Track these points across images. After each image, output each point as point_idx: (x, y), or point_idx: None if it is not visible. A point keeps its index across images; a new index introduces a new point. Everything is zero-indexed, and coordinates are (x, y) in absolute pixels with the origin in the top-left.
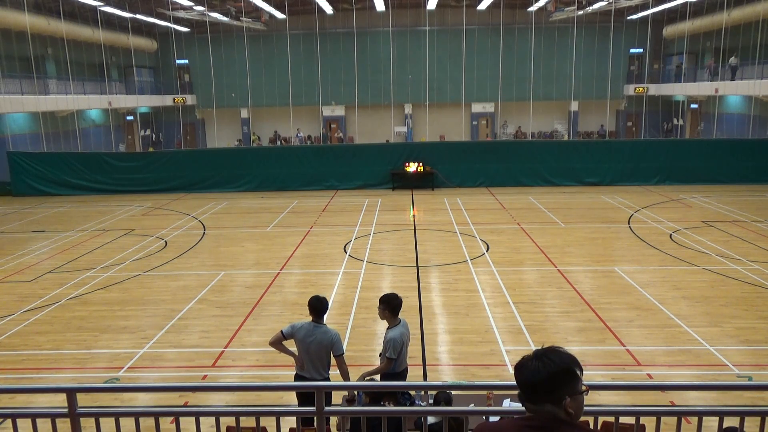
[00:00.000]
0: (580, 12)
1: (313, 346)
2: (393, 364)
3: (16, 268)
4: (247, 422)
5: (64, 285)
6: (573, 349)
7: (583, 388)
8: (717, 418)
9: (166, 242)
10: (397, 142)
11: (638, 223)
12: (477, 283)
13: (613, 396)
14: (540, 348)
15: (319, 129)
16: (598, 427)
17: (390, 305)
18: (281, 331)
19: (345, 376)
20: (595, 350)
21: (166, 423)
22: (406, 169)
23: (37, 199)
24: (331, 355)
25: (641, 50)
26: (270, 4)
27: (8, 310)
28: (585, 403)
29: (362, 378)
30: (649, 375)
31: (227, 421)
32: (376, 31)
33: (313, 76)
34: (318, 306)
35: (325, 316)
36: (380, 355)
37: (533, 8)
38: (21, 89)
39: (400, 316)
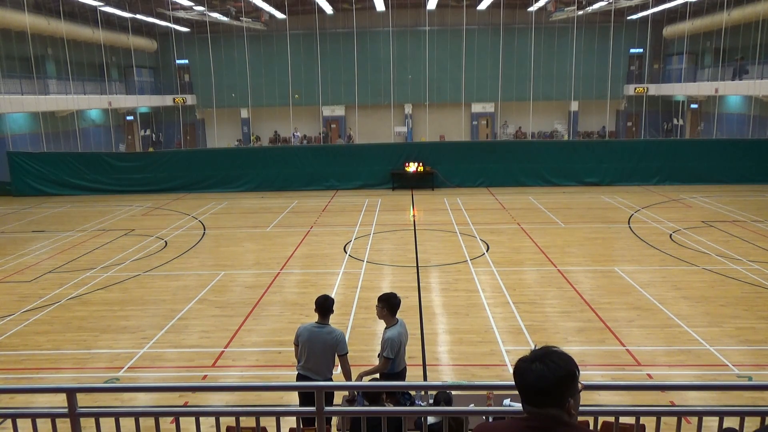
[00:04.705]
0: (580, 12)
1: (318, 347)
2: (390, 363)
3: (16, 268)
4: (247, 422)
5: (64, 285)
6: (573, 349)
7: (580, 386)
8: (717, 418)
9: (166, 242)
10: (397, 142)
11: (638, 223)
12: (477, 283)
13: (613, 396)
14: (536, 349)
15: (318, 129)
16: (598, 427)
17: (389, 304)
18: (294, 343)
19: (347, 375)
20: (595, 350)
21: (166, 423)
22: (406, 169)
23: (37, 199)
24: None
25: (641, 50)
26: (270, 4)
27: (8, 310)
28: (585, 403)
29: (359, 378)
30: (649, 375)
31: (227, 421)
32: (376, 31)
33: (313, 76)
34: (325, 304)
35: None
36: (379, 355)
37: (533, 8)
38: (21, 89)
39: (397, 316)
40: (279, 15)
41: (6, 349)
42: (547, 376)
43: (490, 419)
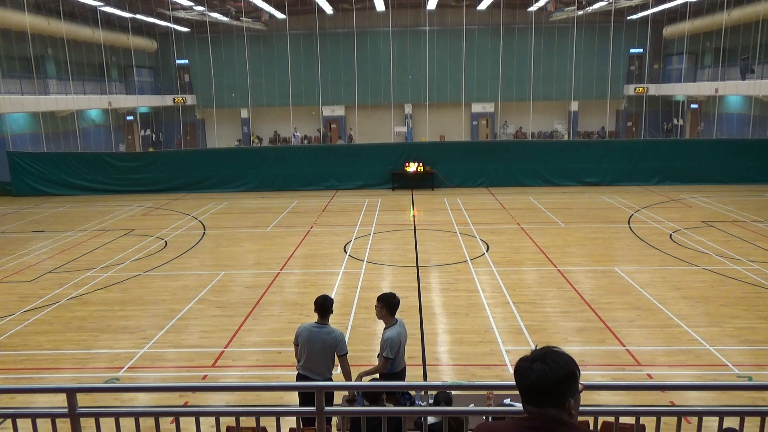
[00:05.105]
0: (580, 12)
1: (318, 347)
2: (390, 363)
3: (16, 268)
4: (247, 422)
5: (64, 285)
6: (573, 349)
7: (580, 386)
8: (717, 418)
9: (166, 242)
10: (397, 142)
11: (638, 223)
12: (477, 283)
13: (613, 396)
14: (537, 349)
15: (319, 129)
16: (598, 427)
17: (388, 304)
18: (294, 343)
19: (347, 375)
20: (595, 350)
21: (166, 423)
22: (406, 169)
23: (37, 199)
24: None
25: (641, 50)
26: (270, 4)
27: (8, 310)
28: (585, 403)
29: (359, 378)
30: (649, 375)
31: (227, 421)
32: (376, 31)
33: (313, 76)
34: (324, 304)
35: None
36: (379, 355)
37: (533, 8)
38: (21, 89)
39: (397, 316)
40: (279, 15)
41: (6, 349)
42: (548, 376)
43: (490, 419)
